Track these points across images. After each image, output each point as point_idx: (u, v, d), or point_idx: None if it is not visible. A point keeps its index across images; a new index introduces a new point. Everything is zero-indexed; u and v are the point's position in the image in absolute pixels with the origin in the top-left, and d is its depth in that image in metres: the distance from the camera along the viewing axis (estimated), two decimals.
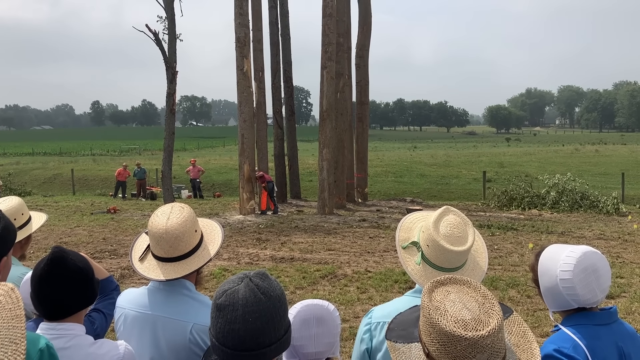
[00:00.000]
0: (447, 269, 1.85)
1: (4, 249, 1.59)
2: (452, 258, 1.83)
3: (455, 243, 1.82)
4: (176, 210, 2.04)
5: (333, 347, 1.82)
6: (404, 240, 1.97)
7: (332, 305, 1.86)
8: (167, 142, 17.67)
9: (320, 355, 1.79)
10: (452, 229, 1.84)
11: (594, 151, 47.51)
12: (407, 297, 1.96)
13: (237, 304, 1.36)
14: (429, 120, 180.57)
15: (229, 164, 34.78)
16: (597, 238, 11.71)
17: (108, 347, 1.88)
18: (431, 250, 1.85)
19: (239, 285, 1.40)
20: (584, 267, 1.83)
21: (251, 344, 1.36)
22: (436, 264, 1.86)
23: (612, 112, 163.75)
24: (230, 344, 1.37)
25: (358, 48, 18.80)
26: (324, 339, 1.77)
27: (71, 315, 1.88)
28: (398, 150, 57.60)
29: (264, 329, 1.37)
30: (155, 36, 17.51)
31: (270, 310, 1.38)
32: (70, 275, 1.86)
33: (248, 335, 1.36)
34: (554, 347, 1.79)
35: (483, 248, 2.00)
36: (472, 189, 25.36)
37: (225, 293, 1.39)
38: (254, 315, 1.36)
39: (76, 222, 15.51)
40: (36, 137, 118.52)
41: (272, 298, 1.40)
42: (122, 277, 8.75)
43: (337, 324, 1.82)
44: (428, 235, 1.86)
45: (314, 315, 1.77)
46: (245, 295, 1.37)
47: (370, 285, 8.02)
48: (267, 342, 1.38)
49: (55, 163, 40.91)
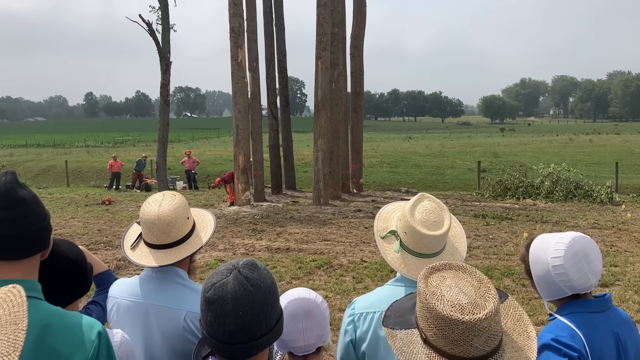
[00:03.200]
0: (426, 254, 1.86)
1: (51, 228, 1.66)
2: (429, 243, 1.84)
3: (432, 228, 1.83)
4: (168, 197, 2.03)
5: (323, 338, 1.82)
6: (382, 230, 1.97)
7: (319, 296, 1.85)
8: (161, 134, 17.63)
9: (311, 347, 1.80)
10: (427, 214, 1.85)
11: (587, 141, 47.69)
12: (388, 287, 1.96)
13: (226, 297, 1.34)
14: (423, 111, 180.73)
15: (223, 155, 34.72)
16: (591, 227, 11.78)
17: None
18: (408, 236, 1.86)
19: (227, 277, 1.37)
20: (574, 252, 1.84)
21: (242, 337, 1.35)
22: (414, 250, 1.86)
23: (606, 102, 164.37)
24: (221, 338, 1.35)
25: (353, 38, 18.71)
26: (313, 332, 1.77)
27: (67, 306, 1.87)
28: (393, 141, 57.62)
29: (255, 321, 1.35)
30: (149, 26, 17.41)
31: (261, 302, 1.37)
32: (63, 267, 1.84)
33: (239, 328, 1.34)
34: (552, 336, 1.79)
35: (462, 233, 2.01)
36: (467, 179, 25.42)
37: (214, 286, 1.37)
38: (244, 308, 1.34)
39: (71, 213, 15.46)
40: (29, 128, 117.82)
41: (262, 289, 1.38)
42: (118, 268, 8.75)
43: (326, 316, 1.82)
44: (405, 222, 1.87)
45: (302, 309, 1.76)
46: (235, 288, 1.35)
47: (366, 275, 8.05)
48: (258, 334, 1.37)
49: (49, 155, 40.72)
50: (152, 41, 17.49)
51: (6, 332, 1.02)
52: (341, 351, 1.96)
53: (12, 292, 1.13)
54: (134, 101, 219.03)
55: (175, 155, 30.21)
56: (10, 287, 1.15)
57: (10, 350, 1.00)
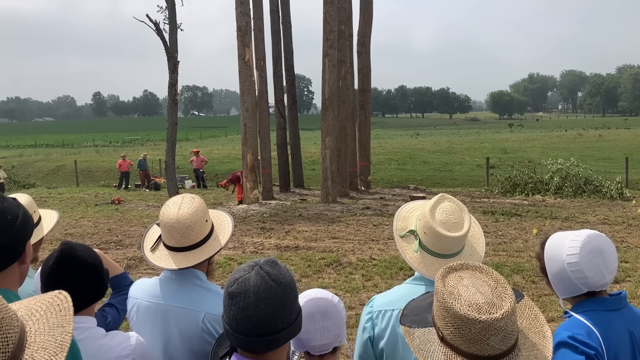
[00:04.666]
0: (445, 255, 1.87)
1: (28, 233, 1.62)
2: (448, 244, 1.85)
3: (452, 229, 1.84)
4: (187, 200, 2.06)
5: (339, 338, 1.84)
6: (401, 229, 1.99)
7: (336, 296, 1.87)
8: (169, 133, 17.69)
9: (328, 347, 1.82)
10: (447, 215, 1.86)
11: (597, 136, 47.33)
12: (407, 285, 1.98)
13: (249, 291, 1.39)
14: (431, 107, 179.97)
15: (231, 153, 34.78)
16: (601, 223, 11.72)
17: (120, 339, 1.90)
18: (428, 237, 1.87)
19: (249, 273, 1.43)
20: (589, 249, 1.85)
21: (264, 329, 1.39)
22: (433, 251, 1.88)
23: (615, 96, 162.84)
24: (244, 331, 1.40)
25: (359, 35, 18.69)
26: (330, 332, 1.79)
27: (82, 310, 1.90)
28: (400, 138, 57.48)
29: (276, 314, 1.40)
30: (156, 26, 17.45)
31: (281, 297, 1.41)
32: (80, 271, 1.87)
33: (260, 321, 1.38)
34: (568, 334, 1.80)
35: (480, 234, 2.02)
36: (476, 175, 25.33)
37: (237, 281, 1.42)
38: (266, 302, 1.39)
39: (81, 213, 15.58)
40: (38, 129, 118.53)
41: (283, 285, 1.43)
42: (129, 267, 8.81)
43: (342, 315, 1.85)
44: (425, 223, 1.88)
45: (319, 309, 1.79)
46: (257, 282, 1.40)
47: (375, 273, 8.06)
48: (279, 328, 1.41)
49: (58, 155, 40.99)
50: (160, 41, 17.54)
51: (54, 334, 1.09)
52: (359, 348, 1.97)
53: (58, 298, 1.20)
54: (141, 100, 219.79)
55: (183, 155, 30.31)
56: (57, 293, 1.21)
57: (58, 350, 1.06)
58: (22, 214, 1.57)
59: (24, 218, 1.58)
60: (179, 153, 26.11)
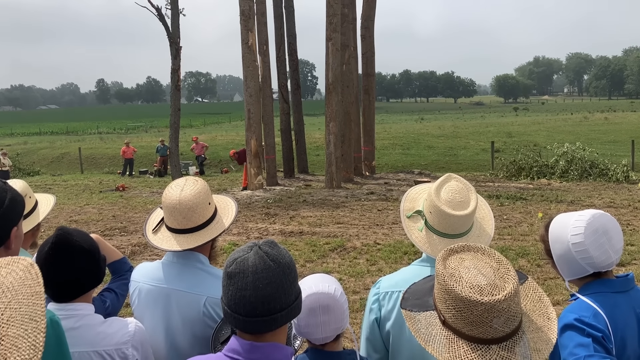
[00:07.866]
0: (451, 235, 1.85)
1: (14, 219, 1.58)
2: (454, 223, 1.83)
3: (457, 208, 1.82)
4: (190, 182, 2.05)
5: (341, 329, 1.83)
6: (408, 210, 1.97)
7: (338, 287, 1.84)
8: (173, 119, 17.67)
9: (329, 338, 1.81)
10: (453, 194, 1.84)
11: (603, 119, 47.00)
12: (414, 267, 1.96)
13: (247, 271, 1.38)
14: (435, 92, 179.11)
15: (235, 139, 34.71)
16: (607, 206, 11.66)
17: (118, 326, 1.89)
18: (433, 216, 1.85)
19: (248, 253, 1.42)
20: (594, 228, 1.82)
21: (262, 310, 1.38)
22: (439, 230, 1.85)
23: (622, 79, 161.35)
24: (242, 311, 1.38)
25: (363, 19, 18.50)
26: (331, 326, 1.78)
27: (80, 296, 1.88)
28: (405, 122, 57.26)
29: (274, 294, 1.39)
30: (158, 11, 17.35)
31: (280, 277, 1.40)
32: (76, 257, 1.85)
33: (259, 301, 1.37)
34: (575, 316, 1.77)
35: (490, 215, 2.00)
36: (481, 159, 25.21)
37: (235, 261, 1.41)
38: (264, 281, 1.37)
39: (85, 200, 15.61)
40: (43, 116, 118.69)
41: (281, 265, 1.41)
42: (133, 253, 8.84)
43: (345, 309, 1.82)
44: (430, 202, 1.86)
45: (320, 304, 1.77)
46: (255, 262, 1.39)
47: (379, 257, 8.05)
48: (277, 308, 1.39)
49: (62, 142, 41.06)
50: (162, 26, 17.44)
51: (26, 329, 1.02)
52: (366, 330, 1.97)
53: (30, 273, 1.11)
54: (145, 87, 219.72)
55: (187, 141, 30.28)
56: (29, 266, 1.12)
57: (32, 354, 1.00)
58: (8, 199, 1.53)
59: (10, 204, 1.54)
60: (183, 139, 26.14)
